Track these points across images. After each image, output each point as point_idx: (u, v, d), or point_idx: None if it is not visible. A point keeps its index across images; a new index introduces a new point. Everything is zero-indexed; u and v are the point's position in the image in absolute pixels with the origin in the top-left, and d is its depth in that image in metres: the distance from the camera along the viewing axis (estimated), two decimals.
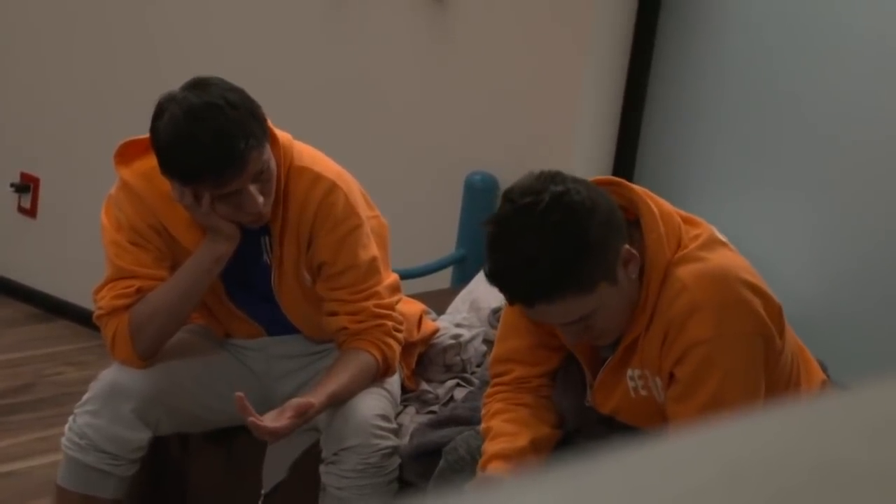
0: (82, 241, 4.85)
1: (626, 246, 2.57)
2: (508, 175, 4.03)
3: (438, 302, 3.65)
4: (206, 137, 2.77)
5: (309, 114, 4.41)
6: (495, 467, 2.70)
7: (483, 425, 2.81)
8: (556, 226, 2.48)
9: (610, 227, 2.54)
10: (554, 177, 2.55)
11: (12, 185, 5.25)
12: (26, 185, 5.24)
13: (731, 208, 3.92)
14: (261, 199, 2.88)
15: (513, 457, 2.71)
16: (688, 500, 0.60)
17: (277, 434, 2.83)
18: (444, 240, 4.20)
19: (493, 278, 2.57)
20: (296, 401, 2.88)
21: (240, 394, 2.81)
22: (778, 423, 0.65)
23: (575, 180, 2.55)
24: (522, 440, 2.73)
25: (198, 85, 2.85)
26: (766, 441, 0.63)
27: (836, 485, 0.59)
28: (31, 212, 5.27)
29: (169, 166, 2.85)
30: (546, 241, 2.48)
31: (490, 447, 2.74)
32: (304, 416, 2.87)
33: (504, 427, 2.76)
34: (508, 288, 2.57)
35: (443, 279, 4.15)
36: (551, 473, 0.66)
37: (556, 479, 0.66)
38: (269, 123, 2.97)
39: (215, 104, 2.79)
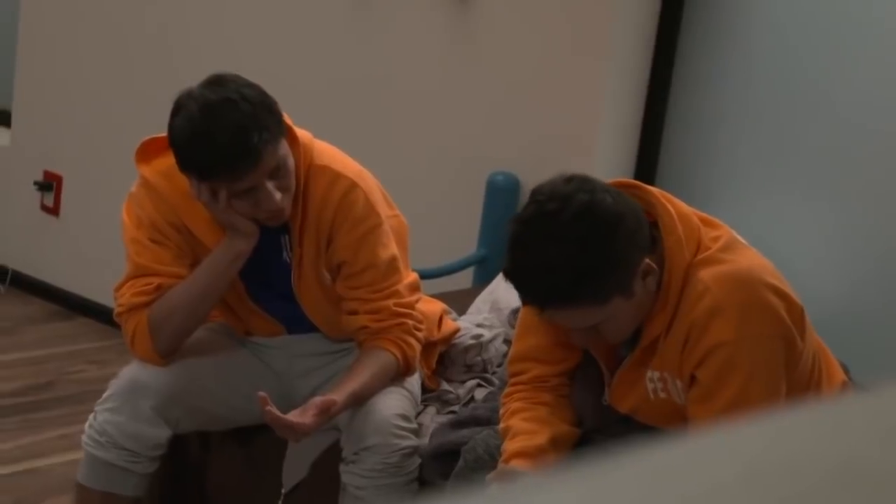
0: (105, 239, 4.86)
1: (647, 260, 2.56)
2: (530, 175, 4.04)
3: (459, 302, 3.65)
4: (221, 132, 2.78)
5: (331, 113, 4.42)
6: (518, 465, 2.70)
7: (502, 424, 2.81)
8: (580, 238, 2.47)
9: (634, 241, 2.53)
10: (583, 183, 2.53)
11: (35, 183, 5.27)
12: (49, 184, 5.26)
13: (753, 208, 3.91)
14: (278, 195, 2.88)
15: (533, 454, 2.71)
16: (705, 500, 0.60)
17: (301, 431, 2.83)
18: (465, 240, 4.20)
19: (510, 277, 2.57)
20: (319, 398, 2.88)
21: (263, 393, 2.81)
22: (795, 424, 0.65)
23: (604, 189, 2.53)
24: (542, 438, 2.73)
25: (214, 82, 2.86)
26: (784, 442, 0.63)
27: (853, 486, 0.59)
28: (53, 210, 5.29)
29: (185, 162, 2.86)
30: (567, 251, 2.47)
31: (510, 446, 2.74)
32: (326, 414, 2.87)
33: (523, 425, 2.76)
34: (523, 289, 2.57)
35: (464, 279, 4.15)
36: (570, 472, 0.66)
37: (575, 477, 0.65)
38: (290, 122, 2.98)
39: (230, 99, 2.80)
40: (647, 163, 4.09)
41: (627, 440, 2.77)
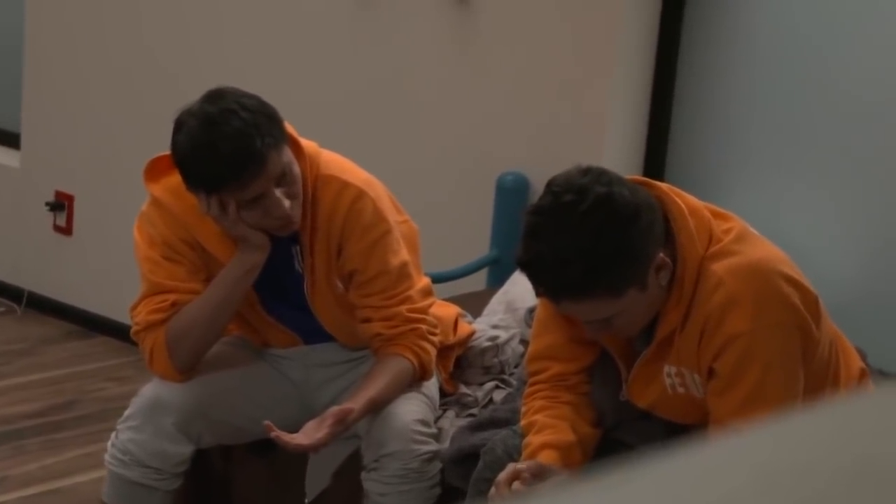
0: (118, 257, 4.87)
1: (661, 254, 2.56)
2: (540, 175, 4.03)
3: (474, 304, 3.65)
4: (223, 142, 2.79)
5: (338, 120, 4.42)
6: (547, 456, 2.69)
7: (524, 421, 2.80)
8: (596, 230, 2.47)
9: (649, 235, 2.53)
10: (600, 176, 2.52)
11: (47, 203, 5.28)
12: (61, 204, 5.27)
13: (764, 197, 3.91)
14: (287, 202, 2.88)
15: (562, 448, 2.70)
16: None
17: (316, 448, 2.85)
18: (477, 242, 4.20)
19: (524, 267, 2.56)
20: (335, 408, 2.89)
21: (268, 422, 2.83)
22: (807, 426, 0.65)
23: (621, 182, 2.53)
24: (571, 435, 2.73)
25: (213, 95, 2.88)
26: (796, 444, 0.63)
27: (868, 484, 0.59)
28: (66, 230, 5.30)
29: (191, 177, 2.87)
30: (583, 244, 2.47)
31: (536, 438, 2.73)
32: (343, 423, 2.88)
33: (549, 421, 2.75)
34: (537, 281, 2.57)
35: (478, 281, 4.16)
36: (585, 481, 0.66)
37: (590, 488, 0.66)
38: (295, 133, 2.98)
39: (229, 109, 2.81)
40: (656, 157, 4.08)
41: (648, 436, 2.77)
